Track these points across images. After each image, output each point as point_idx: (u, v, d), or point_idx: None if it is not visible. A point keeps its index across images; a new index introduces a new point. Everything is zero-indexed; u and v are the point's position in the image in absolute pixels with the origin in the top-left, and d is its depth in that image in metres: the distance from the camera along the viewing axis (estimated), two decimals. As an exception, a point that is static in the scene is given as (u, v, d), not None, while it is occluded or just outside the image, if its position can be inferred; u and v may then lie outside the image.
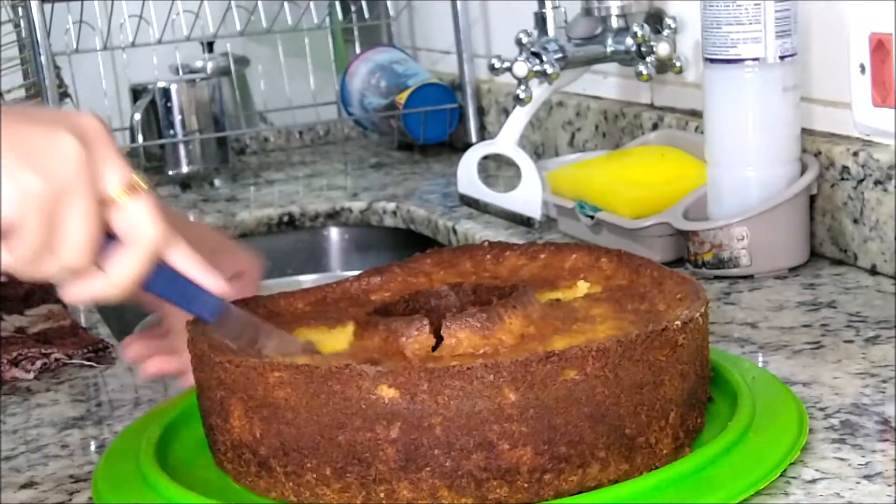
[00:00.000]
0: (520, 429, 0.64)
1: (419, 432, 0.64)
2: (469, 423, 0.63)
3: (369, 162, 1.88)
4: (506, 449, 0.64)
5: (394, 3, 2.07)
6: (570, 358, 0.64)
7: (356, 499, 0.65)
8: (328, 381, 0.64)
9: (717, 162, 1.10)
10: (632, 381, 0.66)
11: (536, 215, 1.30)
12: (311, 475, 0.66)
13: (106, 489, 0.71)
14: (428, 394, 0.63)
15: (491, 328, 0.70)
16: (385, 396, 0.63)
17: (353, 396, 0.64)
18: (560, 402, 0.64)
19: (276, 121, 2.10)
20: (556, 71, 1.28)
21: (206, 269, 0.70)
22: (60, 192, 0.62)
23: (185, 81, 1.79)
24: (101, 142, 0.65)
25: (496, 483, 0.64)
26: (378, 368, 0.64)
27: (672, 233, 1.11)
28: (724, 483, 0.65)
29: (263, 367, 0.66)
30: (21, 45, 1.73)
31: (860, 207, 1.05)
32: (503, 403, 0.63)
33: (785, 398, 0.75)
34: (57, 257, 0.64)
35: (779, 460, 0.67)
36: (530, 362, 0.63)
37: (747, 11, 1.04)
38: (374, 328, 0.72)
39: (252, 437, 0.68)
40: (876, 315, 0.93)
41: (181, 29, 1.89)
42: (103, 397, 0.94)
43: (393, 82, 1.85)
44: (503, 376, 0.63)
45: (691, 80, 1.31)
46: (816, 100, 1.12)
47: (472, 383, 0.63)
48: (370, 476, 0.64)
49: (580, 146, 1.52)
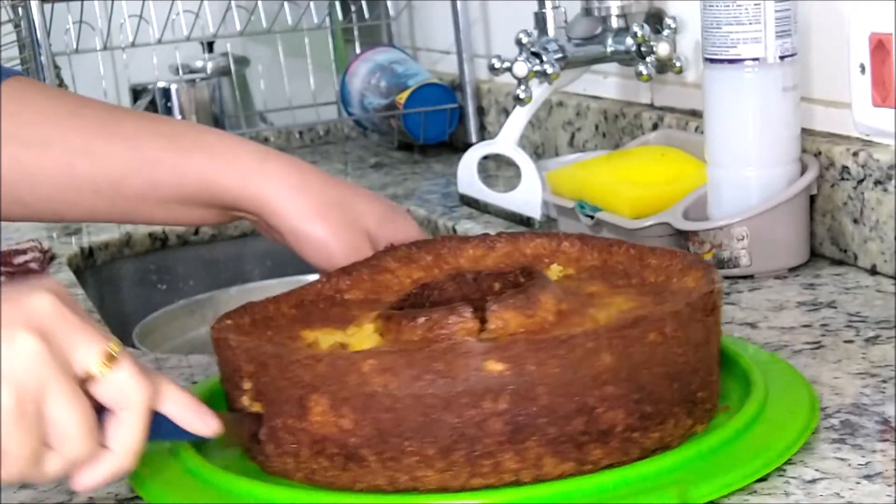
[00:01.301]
0: (614, 391, 0.67)
1: (526, 403, 0.65)
2: (571, 389, 0.66)
3: (369, 162, 1.88)
4: (602, 412, 0.67)
5: (394, 3, 2.07)
6: (654, 321, 0.68)
7: (460, 476, 0.66)
8: (433, 362, 0.65)
9: (717, 162, 1.10)
10: (696, 341, 0.71)
11: (536, 215, 1.30)
12: (411, 458, 0.66)
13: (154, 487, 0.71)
14: (535, 364, 0.65)
15: (532, 307, 0.71)
16: (493, 371, 0.65)
17: (460, 375, 0.65)
18: (645, 363, 0.68)
19: (276, 121, 2.10)
20: (556, 71, 1.28)
21: (197, 413, 0.67)
22: (35, 394, 0.59)
23: (186, 81, 1.80)
24: (61, 322, 0.61)
25: (593, 446, 0.67)
26: (485, 344, 0.66)
27: (672, 233, 1.11)
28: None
29: (354, 356, 0.66)
30: (21, 45, 1.73)
31: (860, 207, 1.05)
32: (601, 368, 0.66)
33: (791, 376, 0.78)
34: (59, 454, 0.61)
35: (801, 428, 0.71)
36: (622, 327, 0.67)
37: (747, 11, 1.04)
38: (410, 321, 0.71)
39: (338, 430, 0.67)
40: (876, 315, 0.93)
41: (181, 29, 1.89)
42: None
43: (393, 82, 1.85)
44: (601, 343, 0.66)
45: (691, 80, 1.31)
46: (816, 100, 1.12)
47: (574, 351, 0.66)
48: (476, 451, 0.66)
49: (580, 146, 1.52)
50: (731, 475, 0.65)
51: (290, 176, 0.90)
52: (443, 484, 0.66)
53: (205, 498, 0.69)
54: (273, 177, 0.89)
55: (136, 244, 1.56)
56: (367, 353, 0.67)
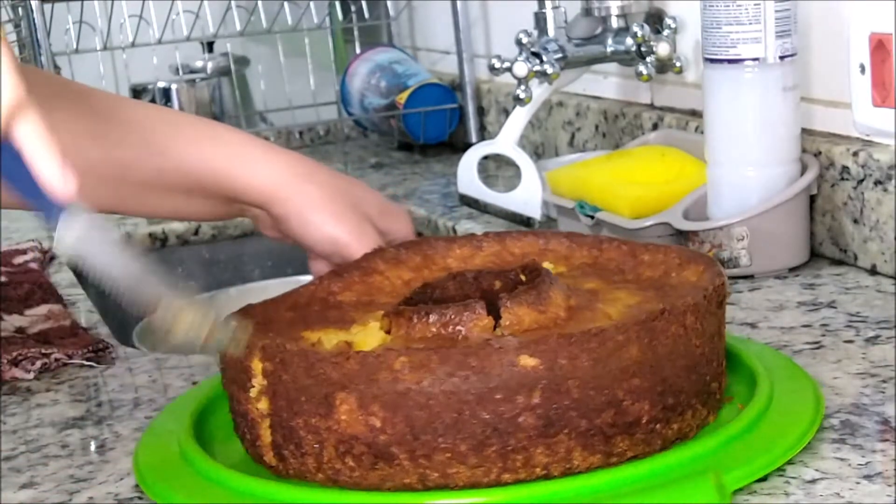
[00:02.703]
0: (640, 384, 0.68)
1: (558, 397, 0.66)
2: (601, 382, 0.67)
3: (369, 162, 1.88)
4: (629, 404, 0.68)
5: (394, 3, 2.07)
6: (677, 314, 0.70)
7: (491, 472, 0.66)
8: (467, 359, 0.65)
9: (717, 162, 1.10)
10: (710, 332, 0.73)
11: (536, 215, 1.31)
12: (443, 455, 0.66)
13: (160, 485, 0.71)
14: (566, 358, 0.66)
15: (544, 303, 0.72)
16: (526, 366, 0.65)
17: (494, 370, 0.65)
18: (668, 355, 0.69)
19: (276, 121, 2.10)
20: (556, 71, 1.28)
21: (53, 153, 0.58)
22: None
23: (185, 81, 1.80)
24: None
25: (620, 438, 0.68)
26: (518, 340, 0.66)
27: (672, 233, 1.11)
28: None
29: (386, 354, 0.66)
30: (21, 45, 1.73)
31: (860, 207, 1.05)
32: (629, 361, 0.68)
33: (794, 371, 0.79)
34: None
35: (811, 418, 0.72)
36: (649, 320, 0.68)
37: (747, 11, 1.04)
38: (422, 318, 0.71)
39: (367, 428, 0.66)
40: (876, 315, 0.93)
41: (181, 29, 1.89)
42: (103, 397, 0.94)
43: (393, 82, 1.85)
44: (630, 335, 0.67)
45: (691, 80, 1.31)
46: (816, 100, 1.12)
47: (605, 344, 0.67)
48: (509, 446, 0.66)
49: (580, 146, 1.52)
50: (761, 460, 0.66)
51: (296, 166, 0.91)
52: (474, 480, 0.66)
53: (214, 498, 0.68)
54: (280, 166, 0.90)
55: (136, 244, 1.56)
56: (399, 350, 0.66)
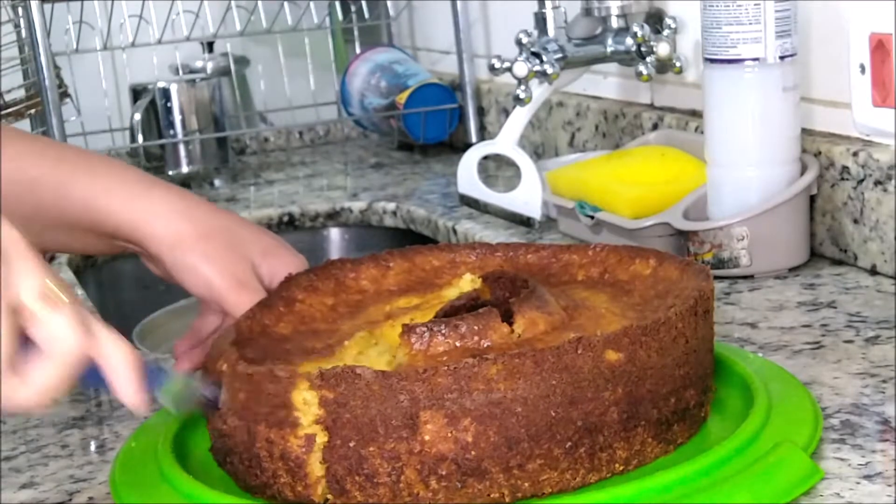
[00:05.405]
0: (688, 371, 0.71)
1: (636, 389, 0.68)
2: (665, 372, 0.69)
3: (369, 162, 1.88)
4: (684, 391, 0.71)
5: (394, 3, 2.07)
6: (704, 300, 0.73)
7: (578, 473, 0.67)
8: (561, 359, 0.65)
9: (717, 162, 1.10)
10: (710, 321, 0.76)
11: (536, 215, 1.31)
12: (536, 462, 0.65)
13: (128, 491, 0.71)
14: (644, 350, 0.68)
15: (548, 306, 0.73)
16: (612, 360, 0.67)
17: (584, 368, 0.66)
18: (700, 343, 0.73)
19: (276, 121, 2.10)
20: (556, 71, 1.28)
21: (129, 380, 0.64)
22: None
23: (185, 81, 1.79)
24: (15, 250, 0.60)
25: (677, 426, 0.71)
26: (602, 335, 0.67)
27: (672, 233, 1.11)
28: None
29: (480, 363, 0.64)
30: (21, 45, 1.73)
31: (860, 207, 1.05)
32: (682, 350, 0.71)
33: (792, 385, 0.78)
34: None
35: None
36: (691, 308, 0.71)
37: (747, 11, 1.04)
38: (436, 334, 0.69)
39: (457, 446, 0.64)
40: (876, 315, 0.93)
41: (181, 29, 1.89)
42: (103, 397, 0.94)
43: (393, 82, 1.85)
44: (685, 325, 0.71)
45: (691, 80, 1.31)
46: (816, 100, 1.12)
47: (669, 333, 0.69)
48: (598, 444, 0.67)
49: (580, 146, 1.52)
50: (809, 427, 0.70)
51: (173, 203, 0.86)
52: (562, 485, 0.66)
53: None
54: (156, 202, 0.86)
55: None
56: (492, 358, 0.64)
